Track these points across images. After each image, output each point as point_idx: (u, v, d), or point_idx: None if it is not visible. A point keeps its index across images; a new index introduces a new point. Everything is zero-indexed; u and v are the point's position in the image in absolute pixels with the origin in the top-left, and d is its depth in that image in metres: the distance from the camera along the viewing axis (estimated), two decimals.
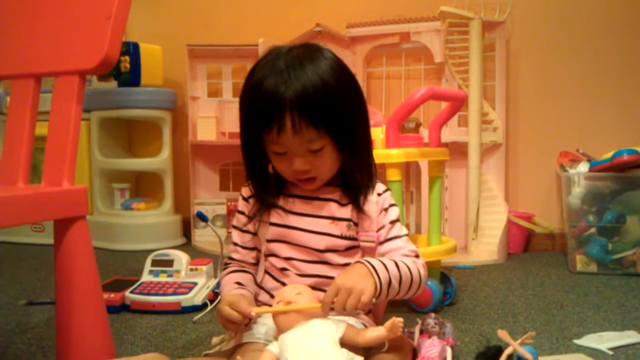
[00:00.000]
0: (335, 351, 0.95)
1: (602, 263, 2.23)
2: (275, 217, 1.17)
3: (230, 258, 1.24)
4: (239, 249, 1.22)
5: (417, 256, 1.16)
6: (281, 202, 1.17)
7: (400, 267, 1.08)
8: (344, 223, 1.15)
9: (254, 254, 1.23)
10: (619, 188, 2.26)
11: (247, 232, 1.22)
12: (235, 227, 1.23)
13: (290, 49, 1.11)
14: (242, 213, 1.22)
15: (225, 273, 1.20)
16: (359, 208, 1.15)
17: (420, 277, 1.12)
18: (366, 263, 1.05)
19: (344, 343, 0.98)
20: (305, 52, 1.10)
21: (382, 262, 1.07)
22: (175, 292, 1.74)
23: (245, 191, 1.22)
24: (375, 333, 1.01)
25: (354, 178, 1.16)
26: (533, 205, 2.75)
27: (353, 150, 1.14)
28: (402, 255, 1.14)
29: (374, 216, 1.16)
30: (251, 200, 1.20)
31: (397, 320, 1.00)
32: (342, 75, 1.10)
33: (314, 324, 0.99)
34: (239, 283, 1.15)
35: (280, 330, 1.02)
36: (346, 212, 1.15)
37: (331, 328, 0.98)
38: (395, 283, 1.06)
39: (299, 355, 0.92)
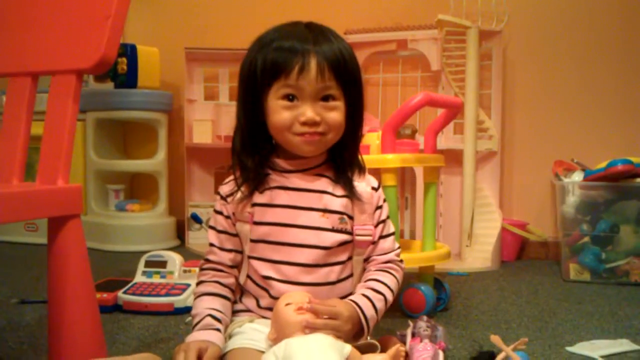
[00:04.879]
0: None
1: (596, 272, 2.23)
2: (259, 214, 1.11)
3: (207, 260, 1.17)
4: (215, 250, 1.16)
5: (400, 260, 1.20)
6: (266, 197, 1.12)
7: (387, 299, 1.13)
8: (336, 216, 1.12)
9: (231, 255, 1.16)
10: (613, 197, 2.27)
11: (225, 232, 1.16)
12: (212, 227, 1.18)
13: (302, 22, 1.14)
14: (219, 213, 1.16)
15: (201, 292, 1.14)
16: (352, 193, 1.13)
17: (398, 288, 1.17)
18: (364, 324, 1.06)
19: None
20: (321, 24, 1.14)
21: (375, 308, 1.09)
22: (168, 293, 1.73)
23: (224, 189, 1.16)
24: (378, 359, 1.01)
25: (346, 157, 1.15)
26: (527, 213, 2.76)
27: (354, 122, 1.14)
28: (388, 264, 1.17)
29: (368, 210, 1.15)
30: (230, 198, 1.14)
31: (401, 350, 1.02)
32: (353, 50, 1.15)
33: (323, 338, 0.96)
34: (214, 317, 1.08)
35: (281, 333, 1.00)
36: (340, 204, 1.13)
37: (338, 346, 0.96)
38: (379, 317, 1.11)
39: None
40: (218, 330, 1.07)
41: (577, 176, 2.36)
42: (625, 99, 2.63)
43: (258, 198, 1.12)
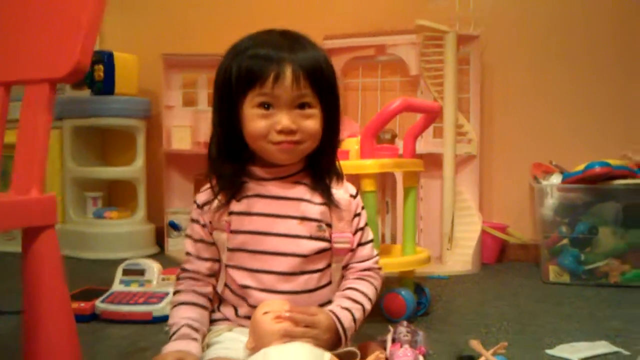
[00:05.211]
0: None
1: (575, 273, 2.25)
2: (236, 223, 1.10)
3: (184, 269, 1.16)
4: (192, 259, 1.15)
5: (379, 268, 1.20)
6: (243, 205, 1.11)
7: (365, 308, 1.12)
8: (314, 224, 1.11)
9: (208, 264, 1.14)
10: (591, 200, 2.29)
11: (202, 241, 1.15)
12: (188, 236, 1.17)
13: (276, 30, 1.13)
14: (196, 222, 1.15)
15: (178, 302, 1.13)
16: (330, 200, 1.12)
17: (376, 296, 1.17)
18: (342, 334, 1.06)
19: None
20: (295, 32, 1.13)
21: (353, 318, 1.09)
22: (146, 302, 1.72)
23: (200, 198, 1.15)
24: None
25: (324, 164, 1.14)
26: (507, 216, 2.77)
27: (331, 129, 1.13)
28: (366, 271, 1.17)
29: (346, 217, 1.14)
30: (207, 207, 1.13)
31: (380, 356, 1.03)
32: (329, 58, 1.13)
33: (301, 346, 0.95)
34: (192, 327, 1.08)
35: (259, 342, 0.99)
36: (318, 212, 1.11)
37: (317, 354, 0.95)
38: (357, 326, 1.11)
39: None
40: (195, 340, 1.06)
41: (556, 179, 2.38)
42: (603, 102, 2.66)
43: (235, 206, 1.11)
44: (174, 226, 1.89)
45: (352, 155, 1.74)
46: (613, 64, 2.65)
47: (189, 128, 2.96)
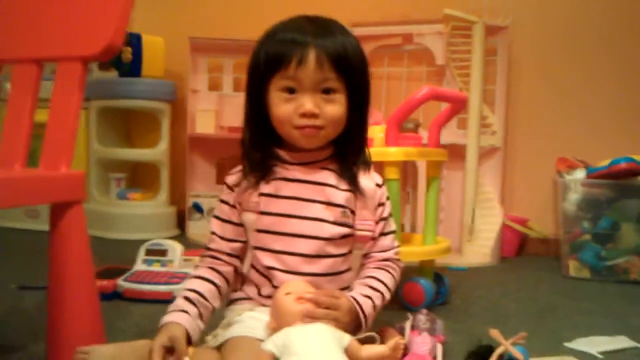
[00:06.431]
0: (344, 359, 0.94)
1: (595, 269, 2.24)
2: (265, 204, 1.12)
3: (207, 248, 1.18)
4: (216, 238, 1.16)
5: (398, 259, 1.21)
6: (271, 188, 1.12)
7: (384, 297, 1.14)
8: (339, 209, 1.12)
9: (232, 245, 1.16)
10: (615, 196, 2.27)
11: (229, 221, 1.16)
12: (216, 217, 1.18)
13: (306, 16, 1.14)
14: (225, 202, 1.16)
15: (191, 275, 1.16)
16: (356, 187, 1.13)
17: (395, 286, 1.19)
18: (362, 320, 1.07)
19: (347, 354, 0.97)
20: (326, 18, 1.14)
21: (373, 305, 1.10)
22: (167, 282, 1.74)
23: (231, 179, 1.17)
24: (377, 350, 1.01)
25: (352, 151, 1.15)
26: (528, 209, 2.76)
27: (359, 116, 1.13)
28: (386, 262, 1.18)
29: (370, 205, 1.15)
30: (237, 188, 1.14)
31: (400, 342, 1.03)
32: (359, 44, 1.13)
33: (322, 328, 0.97)
34: (186, 298, 1.10)
35: (281, 322, 1.00)
36: (343, 198, 1.12)
37: (337, 336, 0.97)
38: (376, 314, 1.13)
39: (310, 354, 0.91)
40: (183, 311, 1.08)
41: (580, 174, 2.36)
42: (630, 98, 2.63)
43: (264, 188, 1.12)
44: (198, 208, 1.91)
45: (376, 143, 1.74)
46: None
47: (213, 112, 2.98)
